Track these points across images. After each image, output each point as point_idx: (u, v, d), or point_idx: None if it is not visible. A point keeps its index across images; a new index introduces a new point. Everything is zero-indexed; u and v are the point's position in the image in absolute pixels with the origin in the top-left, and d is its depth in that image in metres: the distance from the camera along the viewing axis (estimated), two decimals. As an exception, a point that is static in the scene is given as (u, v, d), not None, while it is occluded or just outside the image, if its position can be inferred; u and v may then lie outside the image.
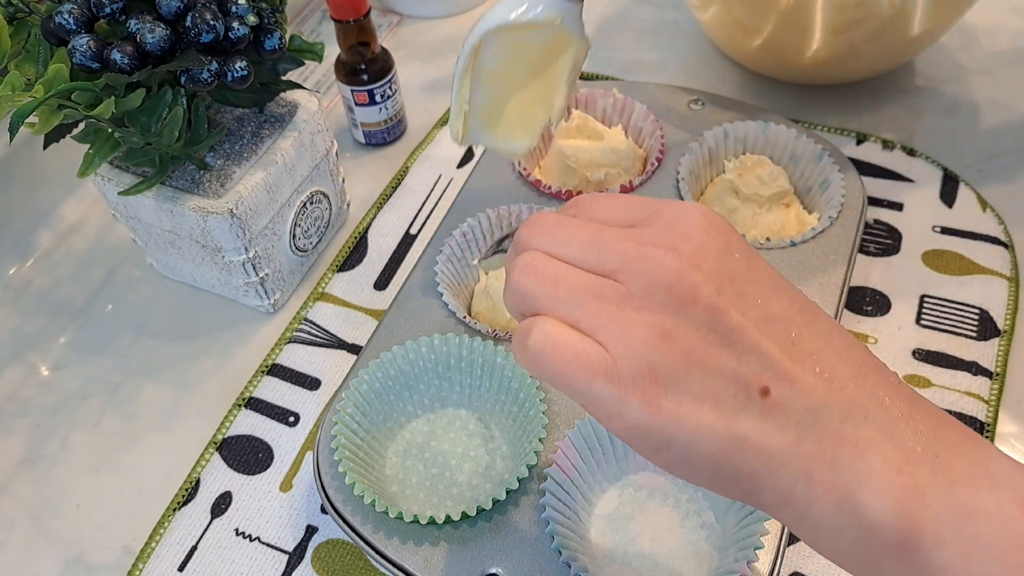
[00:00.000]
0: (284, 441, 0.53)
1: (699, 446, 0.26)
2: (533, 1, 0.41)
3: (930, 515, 0.25)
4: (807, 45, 0.63)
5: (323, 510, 0.49)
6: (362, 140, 0.69)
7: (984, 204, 0.61)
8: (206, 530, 0.49)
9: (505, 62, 0.43)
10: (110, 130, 0.47)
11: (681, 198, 0.58)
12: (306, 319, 0.59)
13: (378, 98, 0.65)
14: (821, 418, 0.26)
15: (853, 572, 0.27)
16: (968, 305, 0.55)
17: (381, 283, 0.60)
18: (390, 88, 0.66)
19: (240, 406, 0.54)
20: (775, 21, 0.61)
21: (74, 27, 0.45)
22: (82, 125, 0.48)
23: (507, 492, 0.44)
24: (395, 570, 0.43)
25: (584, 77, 0.74)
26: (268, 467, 0.51)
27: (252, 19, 0.48)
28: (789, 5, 0.59)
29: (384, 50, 0.65)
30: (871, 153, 0.65)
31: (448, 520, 0.44)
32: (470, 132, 0.47)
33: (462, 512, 0.43)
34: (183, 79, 0.46)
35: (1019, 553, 0.24)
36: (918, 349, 0.53)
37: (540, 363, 0.27)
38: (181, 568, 0.48)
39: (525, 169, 0.60)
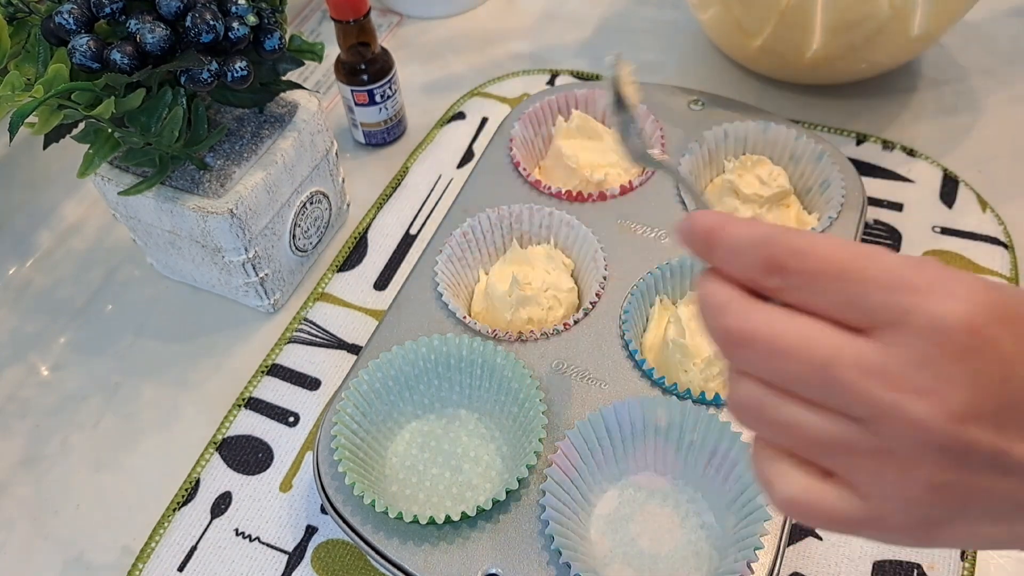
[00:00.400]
0: (284, 441, 0.53)
1: (977, 544, 0.25)
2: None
3: None
4: (807, 46, 0.63)
5: (323, 510, 0.49)
6: (362, 140, 0.69)
7: (984, 204, 0.61)
8: (206, 530, 0.49)
9: None
10: (110, 130, 0.47)
11: (681, 198, 0.58)
12: (306, 319, 0.59)
13: (378, 98, 0.65)
14: None
15: None
16: (968, 305, 0.55)
17: (381, 283, 0.60)
18: (390, 88, 0.66)
19: (240, 406, 0.54)
20: (775, 21, 0.61)
21: (74, 27, 0.45)
22: (82, 125, 0.48)
23: (507, 492, 0.44)
24: (395, 570, 0.43)
25: (584, 77, 0.74)
26: (268, 467, 0.51)
27: (252, 19, 0.48)
28: (789, 5, 0.59)
29: (384, 50, 0.65)
30: (871, 153, 0.65)
31: (448, 520, 0.44)
32: None
33: (462, 512, 0.43)
34: (183, 79, 0.46)
35: None
36: (918, 349, 0.53)
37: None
38: (181, 568, 0.48)
39: (525, 169, 0.60)
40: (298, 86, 0.55)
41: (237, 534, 0.49)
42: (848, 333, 0.23)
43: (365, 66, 0.64)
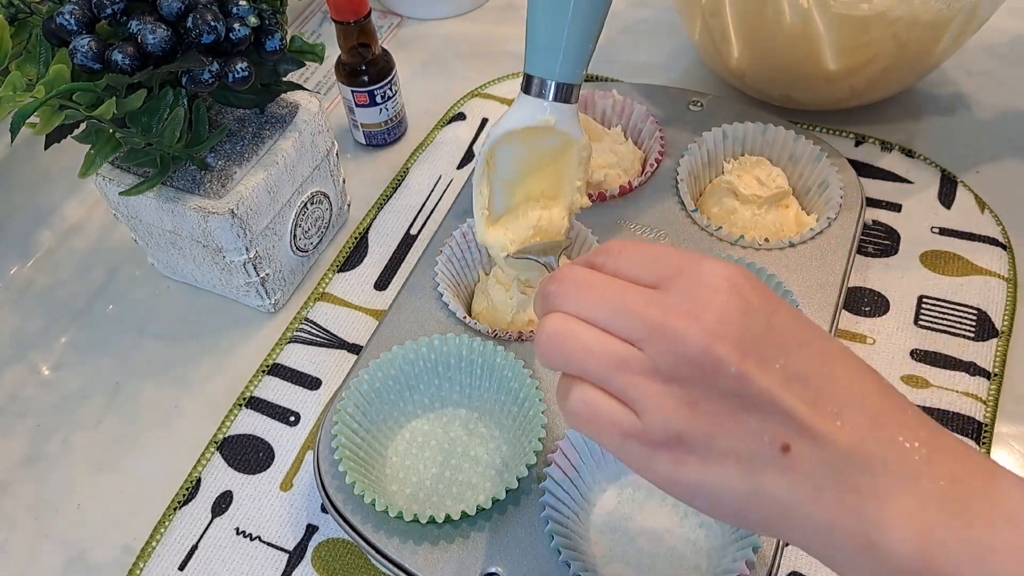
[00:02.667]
0: (285, 440, 0.53)
1: (723, 498, 0.29)
2: (530, 111, 0.44)
3: (947, 556, 0.26)
4: (809, 93, 0.64)
5: (323, 509, 0.49)
6: (363, 141, 0.69)
7: (982, 205, 0.61)
8: (207, 529, 0.49)
9: (518, 167, 0.47)
10: (111, 131, 0.47)
11: (680, 199, 0.58)
12: (307, 319, 0.59)
13: (378, 99, 0.66)
14: (841, 470, 0.27)
15: None
16: (966, 306, 0.55)
17: (381, 283, 0.61)
18: (390, 89, 0.66)
19: (241, 406, 0.54)
20: (778, 71, 0.62)
21: (75, 28, 0.45)
22: (83, 126, 0.48)
23: (507, 492, 0.44)
24: (395, 569, 0.44)
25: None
26: (269, 466, 0.52)
27: (253, 20, 0.48)
28: (794, 58, 0.60)
29: (385, 51, 0.65)
30: (870, 154, 0.65)
31: (448, 519, 0.44)
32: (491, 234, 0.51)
33: (462, 512, 0.44)
34: (184, 80, 0.46)
35: None
36: (916, 350, 0.54)
37: (580, 424, 0.30)
38: (182, 567, 0.48)
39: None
40: (299, 87, 0.55)
41: (238, 533, 0.49)
42: (641, 286, 0.30)
43: (366, 67, 0.64)
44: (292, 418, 0.54)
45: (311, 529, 0.49)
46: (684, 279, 0.29)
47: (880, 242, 0.59)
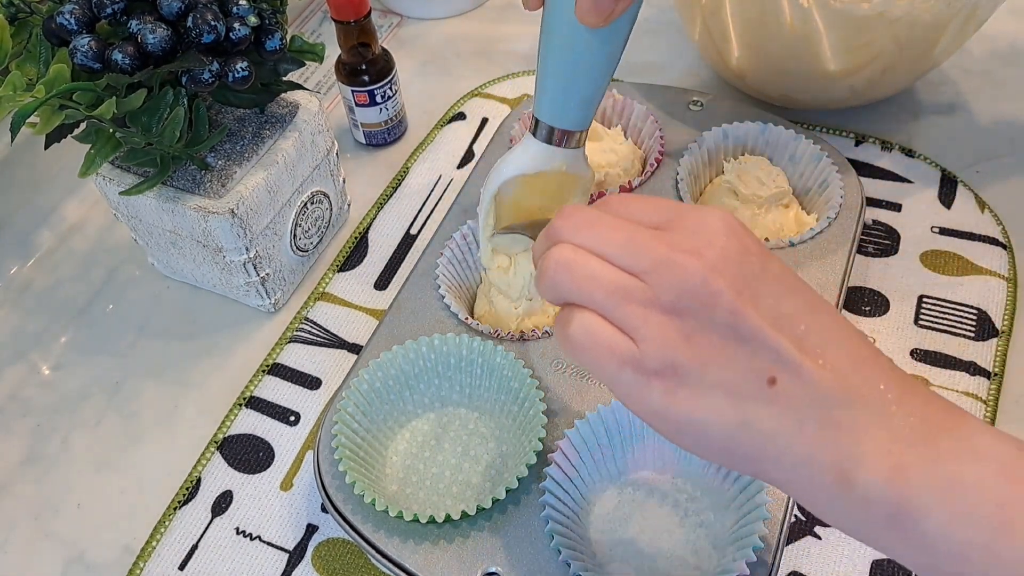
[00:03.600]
0: (285, 440, 0.53)
1: (711, 428, 0.30)
2: (542, 158, 0.44)
3: (916, 489, 0.27)
4: (809, 93, 0.64)
5: (323, 509, 0.49)
6: (363, 140, 0.69)
7: (982, 205, 0.61)
8: (207, 529, 0.49)
9: (522, 195, 0.47)
10: (111, 130, 0.47)
11: (680, 199, 0.58)
12: (307, 319, 0.59)
13: (378, 99, 0.66)
14: (822, 405, 0.29)
15: (855, 538, 0.30)
16: (966, 305, 0.55)
17: (381, 283, 0.61)
18: (390, 89, 0.66)
19: (241, 405, 0.54)
20: (778, 71, 0.62)
21: (75, 27, 0.45)
22: (83, 125, 0.48)
23: (507, 491, 0.44)
24: (395, 569, 0.44)
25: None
26: (269, 466, 0.52)
27: (253, 20, 0.48)
28: (794, 58, 0.60)
29: (385, 51, 0.65)
30: (870, 154, 0.65)
31: (448, 519, 0.44)
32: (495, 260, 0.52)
33: (462, 511, 0.44)
34: (184, 80, 0.46)
35: (999, 517, 0.27)
36: (916, 349, 0.54)
37: (576, 350, 0.31)
38: (182, 567, 0.48)
39: (525, 169, 0.60)
40: (299, 87, 0.55)
41: (238, 533, 0.49)
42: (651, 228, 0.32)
43: (366, 67, 0.64)
44: (292, 418, 0.54)
45: (311, 529, 0.49)
46: (688, 221, 0.31)
47: (880, 242, 0.59)
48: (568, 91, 0.41)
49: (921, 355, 0.53)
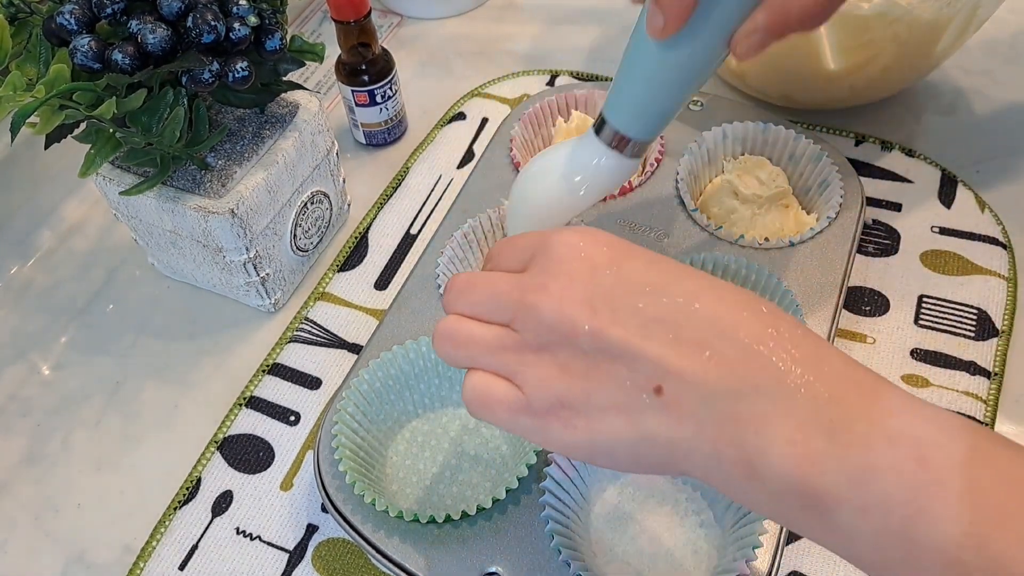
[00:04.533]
0: (285, 440, 0.53)
1: (618, 449, 0.30)
2: (629, 172, 0.42)
3: (827, 480, 0.26)
4: (809, 93, 0.64)
5: (323, 509, 0.49)
6: (363, 140, 0.69)
7: (982, 205, 0.61)
8: (207, 529, 0.49)
9: None
10: (111, 130, 0.47)
11: (680, 199, 0.58)
12: (307, 319, 0.59)
13: (379, 99, 0.66)
14: (716, 402, 0.28)
15: (779, 524, 0.30)
16: (966, 305, 0.55)
17: (382, 283, 0.61)
18: (391, 89, 0.66)
19: (241, 405, 0.54)
20: (778, 71, 0.62)
21: (75, 27, 0.45)
22: (83, 125, 0.48)
23: (507, 491, 0.44)
24: (395, 569, 0.44)
25: (584, 77, 0.74)
26: (269, 466, 0.52)
27: (253, 20, 0.48)
28: (794, 58, 0.60)
29: (385, 51, 0.65)
30: (870, 154, 0.65)
31: (448, 519, 0.44)
32: None
33: (462, 511, 0.44)
34: (184, 80, 0.46)
35: (914, 504, 0.25)
36: (916, 349, 0.54)
37: (475, 410, 0.32)
38: (182, 567, 0.48)
39: (525, 169, 0.60)
40: (299, 87, 0.55)
41: (238, 533, 0.49)
42: (513, 274, 0.33)
43: (366, 67, 0.64)
44: (292, 418, 0.54)
45: (311, 529, 0.49)
46: (539, 257, 0.32)
47: (880, 241, 0.59)
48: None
49: (921, 355, 0.53)
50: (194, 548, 0.49)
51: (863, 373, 0.28)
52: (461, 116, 0.72)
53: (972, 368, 0.52)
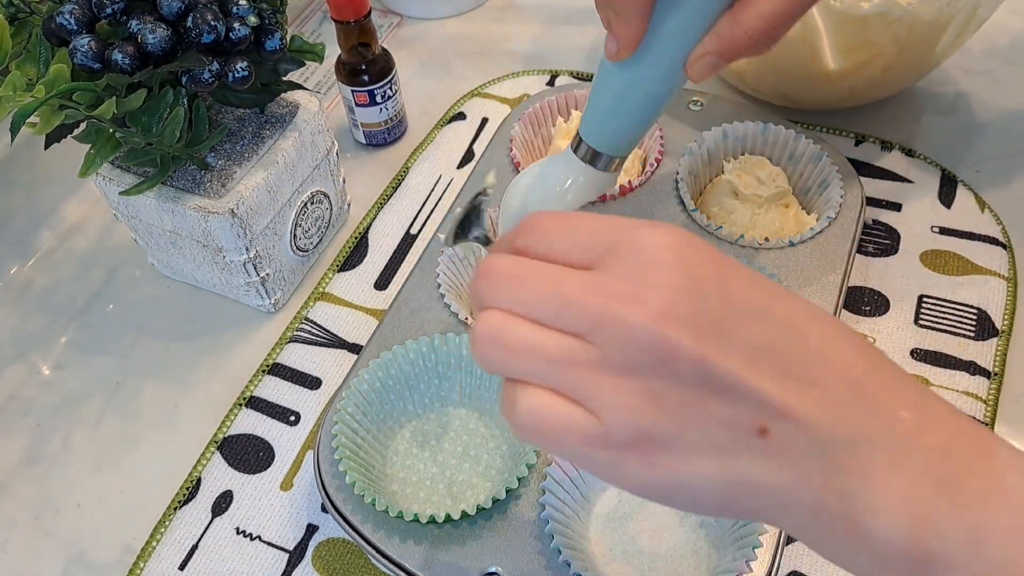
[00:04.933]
0: (285, 440, 0.53)
1: (704, 493, 0.26)
2: (603, 185, 0.44)
3: (941, 540, 0.24)
4: (809, 93, 0.64)
5: (323, 509, 0.49)
6: (363, 140, 0.69)
7: (982, 205, 0.61)
8: (207, 529, 0.49)
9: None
10: (111, 130, 0.47)
11: (680, 199, 0.58)
12: (307, 319, 0.59)
13: (379, 99, 0.66)
14: (825, 450, 0.25)
15: None
16: (966, 305, 0.55)
17: (381, 283, 0.61)
18: (390, 89, 0.66)
19: (241, 405, 0.54)
20: (778, 71, 0.62)
21: (75, 27, 0.45)
22: (83, 125, 0.48)
23: (507, 491, 0.44)
24: (395, 569, 0.44)
25: (584, 77, 0.74)
26: (269, 466, 0.52)
27: (253, 20, 0.48)
28: (794, 58, 0.60)
29: (385, 51, 0.65)
30: (870, 154, 0.65)
31: (448, 519, 0.44)
32: None
33: (462, 511, 0.44)
34: (184, 80, 0.46)
35: None
36: (916, 349, 0.54)
37: (532, 436, 0.27)
38: (182, 567, 0.48)
39: (525, 169, 0.60)
40: (299, 86, 0.55)
41: (238, 533, 0.49)
42: (575, 269, 0.27)
43: (366, 67, 0.64)
44: (292, 418, 0.54)
45: (311, 529, 0.49)
46: (622, 255, 0.26)
47: (880, 241, 0.59)
48: (644, 127, 0.41)
49: (921, 355, 0.53)
50: (194, 548, 0.49)
51: (967, 422, 0.26)
52: (461, 116, 0.72)
53: (972, 368, 0.52)
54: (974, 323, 0.54)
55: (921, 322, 0.55)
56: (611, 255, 0.26)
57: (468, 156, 0.68)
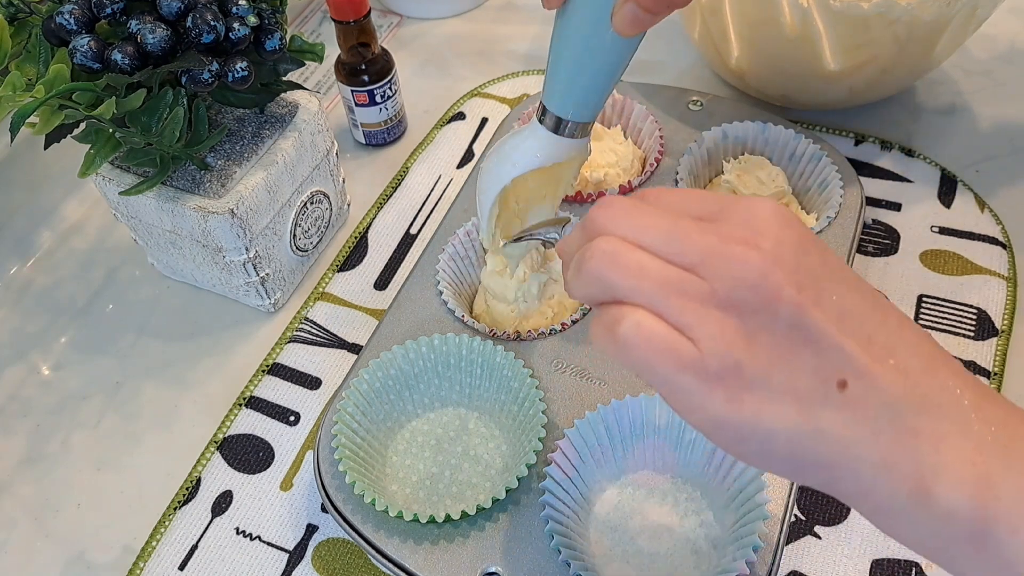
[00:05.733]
0: (285, 440, 0.53)
1: (778, 437, 0.27)
2: (558, 150, 0.44)
3: (1003, 505, 0.25)
4: (809, 93, 0.64)
5: (323, 509, 0.49)
6: (362, 140, 0.69)
7: (982, 204, 0.61)
8: (207, 529, 0.49)
9: (520, 189, 0.47)
10: (111, 130, 0.47)
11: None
12: (306, 319, 0.59)
13: (378, 99, 0.66)
14: (897, 411, 0.27)
15: (927, 558, 0.28)
16: (966, 305, 0.55)
17: (381, 283, 0.61)
18: (390, 89, 0.66)
19: (241, 405, 0.54)
20: (778, 71, 0.62)
21: (75, 27, 0.45)
22: (83, 125, 0.48)
23: (507, 491, 0.44)
24: (395, 569, 0.44)
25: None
26: (269, 466, 0.52)
27: (253, 20, 0.48)
28: (794, 58, 0.60)
29: (384, 51, 0.65)
30: (869, 154, 0.65)
31: (448, 519, 0.44)
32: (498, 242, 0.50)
33: (462, 511, 0.44)
34: (184, 79, 0.46)
35: None
36: (916, 349, 0.54)
37: (629, 351, 0.28)
38: (182, 567, 0.48)
39: (525, 169, 0.60)
40: (299, 86, 0.55)
41: (238, 533, 0.49)
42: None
43: (365, 67, 0.64)
44: (292, 418, 0.54)
45: (311, 529, 0.49)
46: (737, 211, 0.28)
47: (880, 241, 0.59)
48: (590, 88, 0.41)
49: (921, 355, 0.53)
50: (194, 548, 0.49)
51: (1013, 404, 0.28)
52: (461, 116, 0.72)
53: (972, 368, 0.52)
54: (974, 323, 0.54)
55: (921, 322, 0.55)
56: (725, 210, 0.29)
57: (468, 156, 0.68)
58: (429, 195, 0.66)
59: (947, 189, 0.62)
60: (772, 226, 0.27)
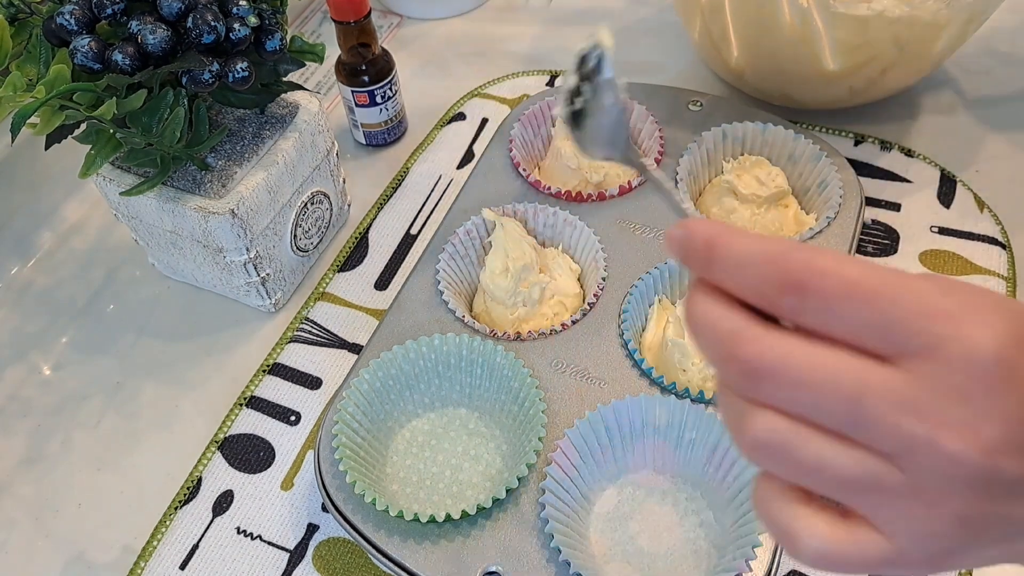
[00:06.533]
0: (285, 440, 0.53)
1: (972, 566, 0.25)
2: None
3: None
4: (809, 93, 0.64)
5: (324, 508, 0.49)
6: (363, 141, 0.69)
7: (981, 205, 0.61)
8: (207, 529, 0.49)
9: None
10: (111, 131, 0.47)
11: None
12: (307, 319, 0.59)
13: (379, 99, 0.66)
14: None
15: None
16: (966, 305, 0.55)
17: (382, 283, 0.61)
18: (390, 89, 0.66)
19: (241, 405, 0.55)
20: (778, 71, 0.62)
21: (75, 28, 0.45)
22: (83, 126, 0.48)
23: (507, 491, 0.44)
24: (396, 568, 0.44)
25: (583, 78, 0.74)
26: (269, 466, 0.52)
27: (253, 20, 0.48)
28: (794, 58, 0.60)
29: (385, 51, 0.65)
30: (869, 154, 0.65)
31: (448, 519, 0.44)
32: None
33: (462, 511, 0.44)
34: (184, 80, 0.47)
35: None
36: (916, 349, 0.54)
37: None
38: (183, 566, 0.48)
39: (525, 170, 0.60)
40: (299, 87, 0.56)
41: (239, 532, 0.49)
42: (874, 362, 0.22)
43: (366, 67, 0.64)
44: (293, 417, 0.54)
45: (312, 528, 0.49)
46: (940, 360, 0.21)
47: (880, 241, 0.59)
48: None
49: (921, 355, 0.53)
50: (195, 548, 0.49)
51: None
52: (461, 116, 0.72)
53: (971, 368, 0.52)
54: (973, 323, 0.54)
55: (921, 322, 0.55)
56: (924, 354, 0.22)
57: (468, 156, 0.68)
58: (429, 195, 0.66)
59: (947, 189, 0.62)
60: (996, 394, 0.21)
